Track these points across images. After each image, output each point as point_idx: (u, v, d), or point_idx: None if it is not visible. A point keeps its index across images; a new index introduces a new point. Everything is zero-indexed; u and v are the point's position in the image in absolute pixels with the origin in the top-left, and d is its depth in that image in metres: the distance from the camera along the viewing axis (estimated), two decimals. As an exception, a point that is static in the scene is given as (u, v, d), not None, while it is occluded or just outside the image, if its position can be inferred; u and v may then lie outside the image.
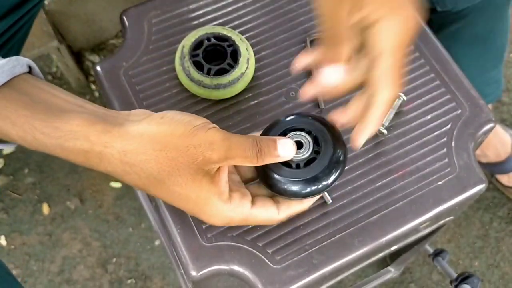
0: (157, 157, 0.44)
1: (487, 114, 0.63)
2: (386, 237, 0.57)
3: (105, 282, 1.17)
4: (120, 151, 0.44)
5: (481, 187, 0.59)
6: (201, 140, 0.44)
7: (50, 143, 0.45)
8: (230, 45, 0.62)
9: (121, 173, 0.45)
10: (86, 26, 1.32)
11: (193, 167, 0.44)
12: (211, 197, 0.46)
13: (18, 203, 1.24)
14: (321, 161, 0.48)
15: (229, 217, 0.48)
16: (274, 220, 0.50)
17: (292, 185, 0.48)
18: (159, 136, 0.44)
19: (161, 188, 0.45)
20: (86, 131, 0.44)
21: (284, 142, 0.47)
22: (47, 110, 0.46)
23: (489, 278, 1.20)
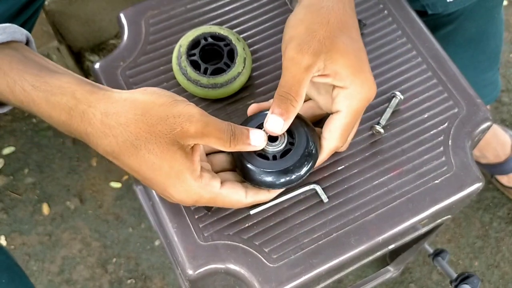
0: (136, 121, 0.45)
1: (484, 112, 0.63)
2: (383, 235, 0.57)
3: (105, 282, 1.17)
4: (102, 112, 0.46)
5: (478, 186, 0.59)
6: (181, 111, 0.46)
7: (37, 96, 0.47)
8: (227, 44, 0.62)
9: (100, 135, 0.46)
10: (86, 26, 1.33)
11: (170, 136, 0.45)
12: (184, 171, 0.47)
13: (18, 203, 1.24)
14: (295, 153, 0.52)
15: (198, 194, 0.48)
16: (241, 203, 0.52)
17: (267, 176, 0.51)
18: (141, 103, 0.46)
19: (136, 156, 0.46)
20: (74, 88, 0.47)
21: (256, 132, 0.50)
22: (40, 68, 0.48)
23: (489, 278, 1.19)
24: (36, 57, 0.51)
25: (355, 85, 0.51)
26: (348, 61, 0.50)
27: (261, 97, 0.63)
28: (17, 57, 0.49)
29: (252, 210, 0.57)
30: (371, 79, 0.52)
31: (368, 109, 0.62)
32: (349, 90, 0.51)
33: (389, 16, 0.68)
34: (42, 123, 1.31)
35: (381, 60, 0.65)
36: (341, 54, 0.50)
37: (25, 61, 0.49)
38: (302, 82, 0.49)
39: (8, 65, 0.48)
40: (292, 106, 0.50)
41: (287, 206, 0.58)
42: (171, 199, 0.50)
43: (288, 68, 0.50)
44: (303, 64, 0.49)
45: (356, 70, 0.51)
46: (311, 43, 0.49)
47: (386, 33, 0.67)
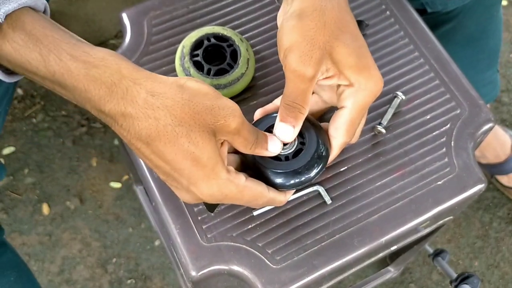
0: (183, 105, 0.43)
1: (486, 113, 0.63)
2: (386, 237, 0.57)
3: (105, 282, 1.17)
4: (148, 90, 0.43)
5: (480, 187, 0.59)
6: (226, 104, 0.45)
7: (75, 67, 0.43)
8: (230, 45, 0.62)
9: (140, 116, 0.43)
10: (86, 26, 1.32)
11: (212, 127, 0.45)
12: (219, 164, 0.46)
13: (18, 203, 1.24)
14: (306, 153, 0.52)
15: (228, 188, 0.47)
16: (264, 195, 0.51)
17: (279, 177, 0.52)
18: (188, 88, 0.45)
19: (173, 143, 0.44)
20: (119, 63, 0.43)
21: (274, 140, 0.50)
22: (76, 39, 0.45)
23: (489, 278, 1.20)
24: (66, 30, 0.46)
25: (360, 83, 0.50)
26: (351, 61, 0.50)
27: (265, 97, 0.63)
28: (48, 24, 0.44)
29: (255, 212, 0.57)
30: (376, 74, 0.51)
31: (371, 110, 0.62)
32: (354, 88, 0.51)
33: (391, 17, 0.68)
34: (42, 123, 1.30)
35: (383, 61, 0.65)
36: (343, 54, 0.49)
37: (59, 30, 0.44)
38: (307, 92, 0.49)
39: (41, 31, 0.43)
40: (300, 113, 0.50)
41: (290, 207, 0.58)
42: (197, 195, 0.47)
43: (291, 80, 0.49)
44: (307, 75, 0.48)
45: (360, 68, 0.50)
46: (312, 53, 0.48)
47: (389, 34, 0.67)
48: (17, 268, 0.68)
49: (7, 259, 0.67)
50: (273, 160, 0.52)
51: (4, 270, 0.66)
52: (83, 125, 1.30)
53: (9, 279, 0.65)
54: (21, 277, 0.67)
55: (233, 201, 0.49)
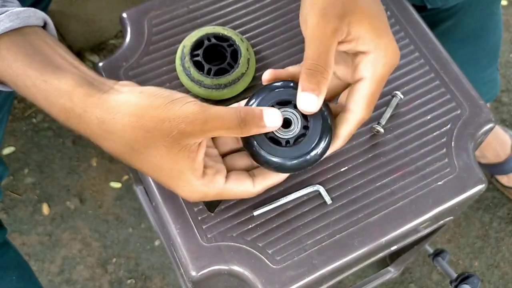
0: (133, 128, 0.44)
1: (487, 114, 0.63)
2: (386, 237, 0.57)
3: (105, 282, 1.17)
4: (98, 117, 0.45)
5: (481, 187, 0.59)
6: (176, 113, 0.44)
7: (37, 93, 0.47)
8: (231, 45, 0.62)
9: (99, 138, 0.46)
10: (86, 26, 1.32)
11: (168, 140, 0.45)
12: (185, 172, 0.46)
13: (18, 203, 1.24)
14: (309, 139, 0.49)
15: (203, 192, 0.48)
16: (249, 193, 0.51)
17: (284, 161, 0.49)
18: (137, 108, 0.45)
19: (137, 158, 0.46)
20: (71, 91, 0.46)
21: (270, 112, 0.47)
22: (45, 64, 0.48)
23: (489, 278, 1.20)
24: (45, 46, 0.49)
25: (379, 50, 0.48)
26: (372, 24, 0.47)
27: (264, 98, 0.63)
28: (25, 49, 0.48)
29: (255, 212, 0.57)
30: (394, 43, 0.49)
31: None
32: (373, 55, 0.48)
33: (392, 18, 0.68)
34: (42, 123, 1.30)
35: (383, 61, 0.65)
36: (366, 16, 0.47)
37: (32, 54, 0.48)
38: (330, 48, 0.46)
39: (13, 56, 0.47)
40: (324, 78, 0.46)
41: (290, 207, 0.58)
42: (180, 195, 0.50)
43: (313, 36, 0.46)
44: (330, 27, 0.46)
45: (380, 33, 0.48)
46: (335, 5, 0.46)
47: (389, 34, 0.67)
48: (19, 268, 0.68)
49: (9, 258, 0.67)
50: (273, 144, 0.49)
51: (7, 270, 0.66)
52: (83, 125, 1.30)
53: (11, 278, 0.65)
54: (23, 277, 0.67)
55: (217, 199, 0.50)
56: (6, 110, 0.68)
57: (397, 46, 0.49)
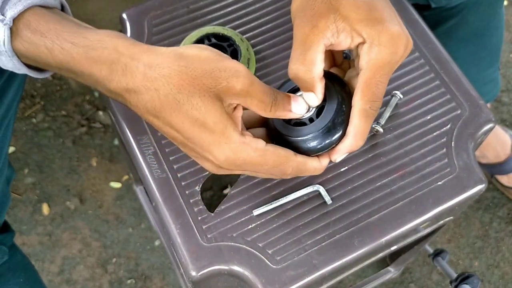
0: (180, 73, 0.43)
1: (487, 114, 0.63)
2: (386, 237, 0.57)
3: (105, 282, 1.17)
4: (145, 63, 0.43)
5: (481, 187, 0.59)
6: (227, 66, 0.44)
7: (77, 52, 0.45)
8: (231, 45, 0.62)
9: (141, 89, 0.44)
10: (86, 26, 1.32)
11: (215, 91, 0.43)
12: (228, 127, 0.44)
13: (18, 203, 1.24)
14: (328, 111, 0.49)
15: (245, 151, 0.45)
16: (291, 159, 0.48)
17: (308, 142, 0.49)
18: (186, 55, 0.44)
19: (178, 111, 0.44)
20: (115, 41, 0.45)
21: (298, 99, 0.48)
22: (78, 27, 0.46)
23: (489, 278, 1.20)
24: (73, 19, 0.49)
25: (372, 37, 0.47)
26: (360, 13, 0.46)
27: (264, 98, 0.63)
28: (54, 18, 0.47)
29: (255, 211, 0.57)
30: (395, 28, 0.47)
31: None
32: (367, 43, 0.47)
33: (392, 17, 0.68)
34: (42, 123, 1.30)
35: (384, 61, 0.65)
36: (351, 7, 0.46)
37: (63, 21, 0.47)
38: (310, 44, 0.46)
39: (45, 25, 0.46)
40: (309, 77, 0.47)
41: (290, 207, 0.58)
42: (215, 162, 0.46)
43: (295, 37, 0.47)
44: (308, 26, 0.46)
45: (371, 21, 0.46)
46: (313, 5, 0.46)
47: (389, 34, 0.67)
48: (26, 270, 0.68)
49: (16, 261, 0.68)
50: (297, 127, 0.49)
51: (14, 272, 0.66)
52: (83, 125, 1.30)
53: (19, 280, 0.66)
54: (29, 279, 0.67)
55: (255, 168, 0.47)
56: (13, 111, 0.68)
57: (400, 30, 0.47)
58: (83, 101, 1.33)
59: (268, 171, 0.48)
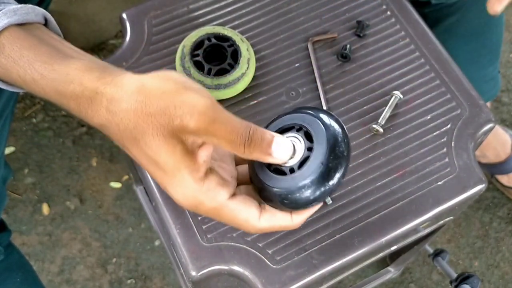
0: (136, 108, 0.41)
1: (487, 114, 0.63)
2: (386, 237, 0.57)
3: (105, 282, 1.17)
4: (108, 97, 0.42)
5: (480, 187, 0.59)
6: (184, 101, 0.40)
7: (46, 85, 0.44)
8: (231, 45, 0.62)
9: (105, 123, 0.43)
10: (86, 26, 1.32)
11: (169, 129, 0.40)
12: (181, 169, 0.41)
13: (18, 203, 1.24)
14: (311, 165, 0.41)
15: (197, 199, 0.42)
16: (251, 224, 0.43)
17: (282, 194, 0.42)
18: (146, 88, 0.41)
19: (136, 147, 0.42)
20: (81, 75, 0.43)
21: (281, 142, 0.42)
22: (51, 54, 0.45)
23: (489, 278, 1.20)
24: (51, 40, 0.47)
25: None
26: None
27: (265, 97, 0.63)
28: (28, 42, 0.46)
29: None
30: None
31: (370, 109, 0.62)
32: None
33: (392, 17, 0.68)
34: (42, 123, 1.30)
35: (384, 61, 0.65)
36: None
37: (37, 46, 0.46)
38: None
39: (18, 52, 0.45)
40: None
41: (290, 207, 0.57)
42: (172, 197, 0.44)
43: None
44: None
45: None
46: None
47: (389, 34, 0.67)
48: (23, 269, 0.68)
49: (13, 260, 0.67)
50: (274, 174, 0.42)
51: (11, 272, 0.66)
52: (83, 125, 1.30)
53: (16, 280, 0.65)
54: (26, 278, 0.67)
55: (212, 217, 0.44)
56: (9, 111, 0.68)
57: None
58: (83, 101, 1.33)
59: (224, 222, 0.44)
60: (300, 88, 0.64)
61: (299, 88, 0.64)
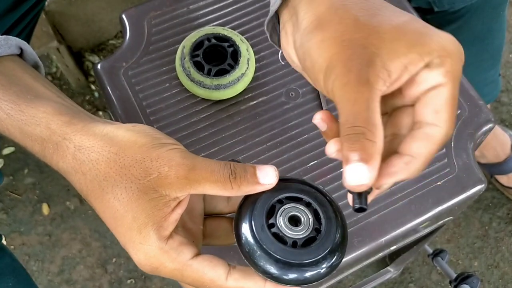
0: (109, 159, 0.39)
1: (486, 114, 0.63)
2: (386, 237, 0.57)
3: (105, 282, 1.17)
4: (76, 145, 0.41)
5: (480, 187, 0.59)
6: (161, 154, 0.39)
7: (11, 125, 0.43)
8: (231, 45, 0.62)
9: (70, 171, 0.41)
10: (85, 26, 1.32)
11: (144, 183, 0.38)
12: (148, 226, 0.39)
13: (18, 203, 1.24)
14: (320, 246, 0.39)
15: (159, 260, 0.39)
16: (217, 285, 0.40)
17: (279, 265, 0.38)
18: (120, 140, 0.40)
19: (101, 199, 0.40)
20: (50, 119, 0.42)
21: (264, 167, 0.39)
22: (21, 94, 0.44)
23: (489, 278, 1.20)
24: (23, 76, 0.46)
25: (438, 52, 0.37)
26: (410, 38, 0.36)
27: (265, 97, 0.63)
28: None
29: (255, 212, 0.56)
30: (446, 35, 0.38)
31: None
32: (436, 60, 0.37)
33: (392, 18, 0.68)
34: (42, 123, 1.30)
35: (383, 62, 0.65)
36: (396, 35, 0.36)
37: (6, 84, 0.45)
38: (369, 107, 0.35)
39: None
40: (368, 140, 0.34)
41: (290, 207, 0.57)
42: (131, 257, 0.41)
43: (345, 101, 0.36)
44: (361, 83, 0.35)
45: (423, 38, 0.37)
46: (357, 55, 0.36)
47: (389, 34, 0.67)
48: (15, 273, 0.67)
49: (4, 264, 0.67)
50: (275, 240, 0.39)
51: (3, 276, 0.65)
52: (83, 125, 1.30)
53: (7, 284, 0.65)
54: (19, 283, 0.66)
55: (174, 279, 0.41)
56: None
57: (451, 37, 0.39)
58: (83, 101, 1.33)
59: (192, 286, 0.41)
60: (300, 89, 0.64)
61: (299, 88, 0.64)
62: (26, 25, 0.67)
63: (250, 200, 0.40)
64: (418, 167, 0.37)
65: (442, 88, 0.37)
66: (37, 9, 0.69)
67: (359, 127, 0.35)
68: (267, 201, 0.40)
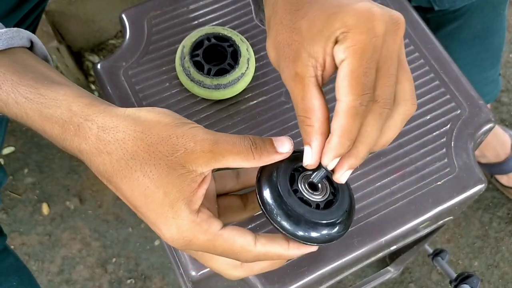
0: (135, 138, 0.40)
1: (486, 114, 0.63)
2: (386, 237, 0.57)
3: (104, 282, 1.17)
4: (99, 125, 0.41)
5: (480, 187, 0.59)
6: (185, 131, 0.41)
7: (30, 108, 0.43)
8: (231, 45, 0.62)
9: (93, 152, 0.41)
10: (85, 26, 1.32)
11: (172, 159, 0.40)
12: (180, 200, 0.40)
13: (17, 203, 1.24)
14: (340, 205, 0.44)
15: (191, 232, 0.40)
16: (247, 250, 0.42)
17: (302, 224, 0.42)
18: (144, 120, 0.41)
19: (129, 178, 0.40)
20: (71, 101, 0.42)
21: (280, 138, 0.43)
22: (37, 79, 0.44)
23: (489, 278, 1.20)
24: (37, 65, 0.47)
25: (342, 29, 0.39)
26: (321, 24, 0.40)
27: (265, 97, 0.63)
28: (13, 67, 0.45)
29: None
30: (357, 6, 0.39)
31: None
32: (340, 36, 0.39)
33: (392, 17, 0.68)
34: (42, 123, 1.30)
35: (383, 61, 0.65)
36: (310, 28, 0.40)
37: (22, 71, 0.45)
38: (303, 94, 0.41)
39: (2, 76, 0.44)
40: (307, 125, 0.41)
41: (290, 207, 0.57)
42: (161, 237, 0.42)
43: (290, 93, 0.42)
44: (290, 77, 0.41)
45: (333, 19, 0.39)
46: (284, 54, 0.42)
47: (389, 34, 0.67)
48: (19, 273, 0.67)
49: (9, 264, 0.67)
50: (302, 203, 0.43)
51: (7, 276, 0.65)
52: (83, 125, 1.30)
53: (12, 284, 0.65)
54: (23, 282, 0.66)
55: (205, 251, 0.42)
56: None
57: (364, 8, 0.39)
58: (83, 101, 1.33)
59: (217, 256, 0.43)
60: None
61: (299, 88, 0.64)
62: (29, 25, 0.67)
63: (269, 170, 0.43)
64: (336, 141, 0.40)
65: (343, 63, 0.39)
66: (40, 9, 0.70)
67: (299, 116, 0.41)
68: (287, 170, 0.43)
